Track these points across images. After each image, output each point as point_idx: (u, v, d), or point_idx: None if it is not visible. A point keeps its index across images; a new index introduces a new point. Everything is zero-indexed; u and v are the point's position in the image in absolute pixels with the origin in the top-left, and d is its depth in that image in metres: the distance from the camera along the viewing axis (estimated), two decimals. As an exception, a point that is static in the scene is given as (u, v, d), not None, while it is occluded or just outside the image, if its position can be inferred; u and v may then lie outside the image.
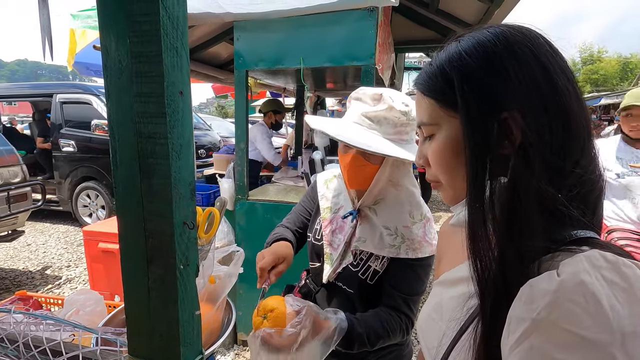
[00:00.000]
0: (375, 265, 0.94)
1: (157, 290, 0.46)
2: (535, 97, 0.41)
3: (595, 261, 0.34)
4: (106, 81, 0.42)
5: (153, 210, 0.44)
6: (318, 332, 0.74)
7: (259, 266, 0.87)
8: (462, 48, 0.45)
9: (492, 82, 0.42)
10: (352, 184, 0.97)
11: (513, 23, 0.46)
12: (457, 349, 0.47)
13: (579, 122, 0.42)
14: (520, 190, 0.40)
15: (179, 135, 0.42)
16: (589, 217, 0.42)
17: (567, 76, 0.43)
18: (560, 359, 0.31)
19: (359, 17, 1.96)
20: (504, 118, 0.41)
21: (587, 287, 0.32)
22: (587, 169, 0.42)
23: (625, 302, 0.31)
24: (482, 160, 0.43)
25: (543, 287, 0.34)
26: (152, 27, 0.38)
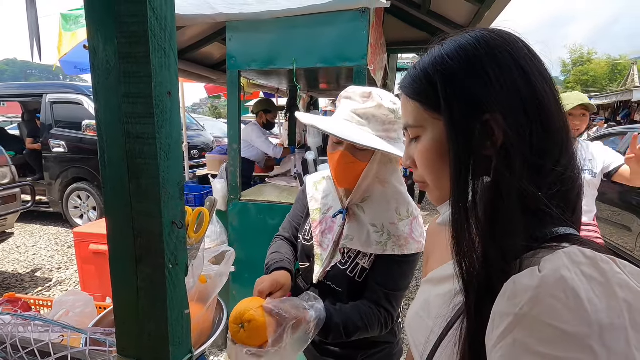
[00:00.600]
0: (363, 262, 0.95)
1: (146, 289, 0.46)
2: (516, 99, 0.42)
3: (574, 257, 0.35)
4: (94, 81, 0.42)
5: (142, 210, 0.44)
6: (297, 329, 0.75)
7: (258, 289, 0.87)
8: (445, 52, 0.47)
9: (473, 85, 0.43)
10: (341, 181, 0.98)
11: (494, 27, 0.48)
12: (444, 345, 0.48)
13: (558, 122, 0.43)
14: (502, 189, 0.41)
15: (167, 136, 0.43)
16: (569, 214, 0.43)
17: (545, 79, 0.44)
18: (542, 352, 0.32)
19: (351, 18, 1.97)
20: (486, 120, 0.43)
21: (567, 283, 0.33)
22: (566, 168, 0.43)
23: (603, 296, 0.32)
24: (465, 161, 0.44)
25: (525, 283, 0.35)
26: (139, 28, 0.38)
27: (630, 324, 0.31)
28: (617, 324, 0.31)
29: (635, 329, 0.31)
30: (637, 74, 15.17)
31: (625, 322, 0.31)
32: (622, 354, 0.30)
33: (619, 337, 0.30)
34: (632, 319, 0.31)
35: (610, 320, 0.31)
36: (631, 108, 11.89)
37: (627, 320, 0.31)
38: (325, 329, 0.82)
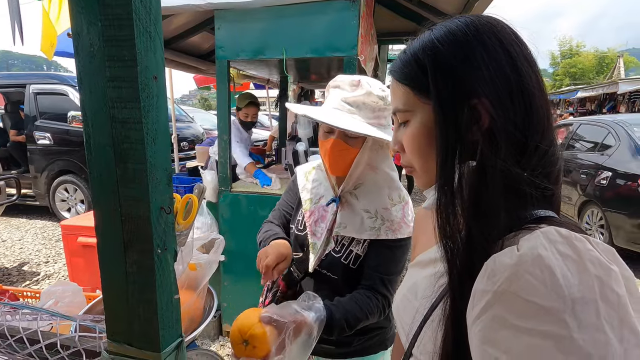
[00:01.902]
0: (357, 249, 0.96)
1: (135, 275, 0.46)
2: (502, 83, 0.43)
3: (551, 236, 0.37)
4: (78, 65, 0.41)
5: (129, 196, 0.44)
6: (299, 333, 0.75)
7: (265, 263, 0.87)
8: (435, 36, 0.47)
9: (462, 69, 0.44)
10: (334, 169, 0.98)
11: (482, 14, 0.48)
12: (428, 324, 0.50)
13: (540, 107, 0.44)
14: (487, 173, 0.42)
15: (154, 120, 0.43)
16: (549, 196, 0.45)
17: (530, 64, 0.45)
18: (519, 325, 0.34)
19: (341, 7, 1.96)
20: (473, 104, 0.43)
21: (543, 261, 0.34)
22: (547, 151, 0.44)
23: (576, 272, 0.34)
24: (452, 144, 0.45)
25: (504, 262, 0.37)
26: (124, 11, 0.38)
27: (601, 297, 0.33)
28: (588, 298, 0.32)
29: (604, 301, 0.33)
30: (622, 66, 15.44)
31: (596, 295, 0.33)
32: (592, 325, 0.32)
33: (590, 310, 0.32)
34: (602, 292, 0.33)
35: (582, 294, 0.33)
36: (617, 100, 12.12)
37: (598, 293, 0.33)
38: (329, 327, 0.82)
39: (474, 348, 0.39)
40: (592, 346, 0.31)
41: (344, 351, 1.03)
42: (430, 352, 0.48)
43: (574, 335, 0.31)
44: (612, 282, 0.34)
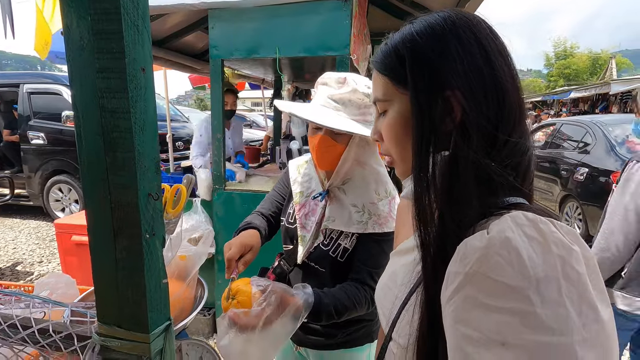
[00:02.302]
0: (344, 243, 0.99)
1: (124, 259, 0.48)
2: (475, 76, 0.45)
3: (518, 220, 0.39)
4: (68, 57, 0.43)
5: (118, 183, 0.46)
6: (285, 308, 0.77)
7: (226, 257, 0.88)
8: (415, 29, 0.49)
9: (438, 61, 0.46)
10: (321, 164, 1.01)
11: (465, 11, 0.50)
12: (407, 308, 0.52)
13: (513, 99, 0.46)
14: (459, 162, 0.44)
15: (142, 110, 0.45)
16: (519, 184, 0.47)
17: (504, 58, 0.47)
18: (488, 304, 0.36)
19: (334, 7, 1.98)
20: (446, 96, 0.45)
21: (510, 243, 0.37)
22: (518, 141, 0.46)
23: (540, 253, 0.36)
24: (427, 135, 0.47)
25: (474, 245, 0.39)
26: (111, 5, 0.40)
27: (563, 275, 0.35)
28: (551, 276, 0.35)
29: (566, 279, 0.35)
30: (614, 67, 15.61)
31: (558, 274, 0.35)
32: (554, 301, 0.34)
33: (552, 287, 0.34)
34: (564, 271, 0.35)
35: (545, 273, 0.35)
36: (609, 100, 12.26)
37: (560, 272, 0.35)
38: (316, 312, 0.84)
39: (447, 327, 0.41)
40: (554, 320, 0.33)
41: (331, 342, 1.05)
42: (407, 335, 0.50)
43: (537, 310, 0.33)
44: (573, 261, 0.36)
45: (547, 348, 0.33)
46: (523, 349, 0.33)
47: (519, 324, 0.34)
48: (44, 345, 0.55)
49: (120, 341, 0.50)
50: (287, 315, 0.78)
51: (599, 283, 0.38)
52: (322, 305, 0.85)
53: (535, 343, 0.33)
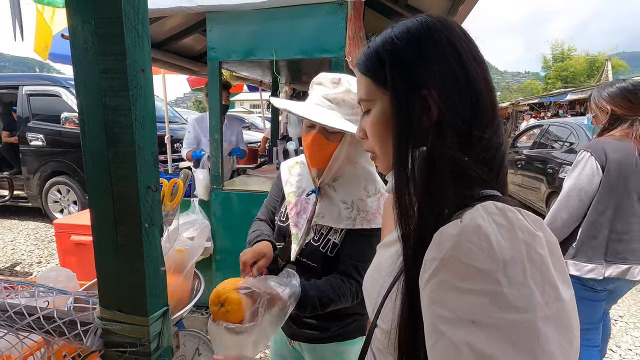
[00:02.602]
0: (334, 238, 1.02)
1: (125, 247, 0.52)
2: (449, 78, 0.48)
3: (489, 209, 0.43)
4: (73, 59, 0.47)
5: (119, 175, 0.49)
6: (273, 305, 0.80)
7: (242, 261, 0.93)
8: (394, 33, 0.53)
9: (414, 63, 0.49)
10: (313, 162, 1.04)
11: (441, 16, 0.54)
12: (390, 296, 0.56)
13: (486, 99, 0.50)
14: (436, 157, 0.48)
15: (141, 108, 0.48)
16: (494, 177, 0.51)
17: (477, 60, 0.51)
18: (461, 286, 0.39)
19: (329, 10, 2.03)
20: (423, 95, 0.49)
21: (481, 229, 0.40)
22: (491, 138, 0.50)
23: (507, 238, 0.40)
24: (406, 132, 0.50)
25: (449, 232, 0.42)
26: (114, 11, 0.44)
27: (527, 258, 0.39)
28: (516, 259, 0.38)
29: (530, 262, 0.39)
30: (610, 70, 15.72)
31: (524, 257, 0.38)
32: (519, 282, 0.38)
33: (518, 269, 0.38)
34: (528, 254, 0.39)
35: (512, 256, 0.38)
36: (605, 102, 12.31)
37: (525, 255, 0.39)
38: (302, 303, 0.87)
39: (424, 309, 0.44)
40: (519, 300, 0.37)
41: (324, 336, 1.08)
42: (390, 320, 0.54)
43: (504, 290, 0.37)
44: (536, 245, 0.40)
45: (513, 325, 0.36)
46: (492, 327, 0.37)
47: (488, 303, 0.37)
48: (49, 330, 0.58)
49: (121, 324, 0.54)
50: (275, 310, 0.81)
51: (561, 265, 0.41)
52: (308, 297, 0.88)
53: (503, 320, 0.36)
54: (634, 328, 2.69)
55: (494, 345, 0.36)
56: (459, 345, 0.38)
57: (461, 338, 0.38)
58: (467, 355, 0.37)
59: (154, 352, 0.54)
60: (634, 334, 2.61)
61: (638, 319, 2.82)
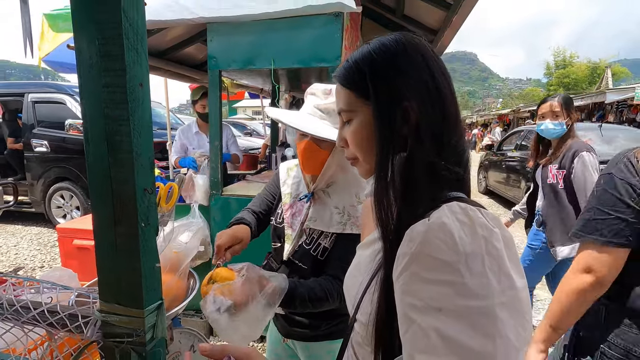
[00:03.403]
0: (324, 242, 1.06)
1: (123, 245, 0.57)
2: (424, 90, 0.53)
3: (453, 208, 0.48)
4: (79, 74, 0.52)
5: (119, 179, 0.54)
6: (263, 287, 0.84)
7: (217, 244, 0.97)
8: (371, 48, 0.57)
9: (394, 76, 0.54)
10: (306, 169, 1.09)
11: (414, 36, 0.59)
12: (369, 292, 0.60)
13: (452, 109, 0.55)
14: (414, 162, 0.53)
15: (139, 118, 0.53)
16: (461, 180, 0.56)
17: (444, 76, 0.56)
18: (428, 277, 0.44)
19: (326, 21, 2.09)
20: (404, 107, 0.53)
21: (446, 227, 0.45)
22: (457, 145, 0.55)
23: (469, 234, 0.45)
24: (387, 139, 0.55)
25: (418, 229, 0.47)
26: (115, 33, 0.49)
27: (486, 251, 0.44)
28: (476, 252, 0.43)
29: (488, 254, 0.44)
30: (610, 77, 15.79)
31: (483, 250, 0.43)
32: (479, 273, 0.42)
33: (478, 261, 0.43)
34: (487, 248, 0.44)
35: (472, 249, 0.43)
36: (605, 109, 12.39)
37: (484, 249, 0.44)
38: (290, 299, 0.92)
39: (397, 300, 0.49)
40: (479, 288, 0.41)
41: (315, 334, 1.12)
42: (368, 313, 0.58)
43: (466, 281, 0.42)
44: (494, 240, 0.45)
45: (473, 310, 0.41)
46: (455, 313, 0.41)
47: (452, 292, 0.42)
48: (53, 323, 0.63)
49: (118, 316, 0.58)
50: (264, 296, 0.84)
51: (515, 257, 0.47)
52: (296, 293, 0.92)
53: (465, 307, 0.41)
54: (630, 334, 2.70)
55: (458, 330, 0.41)
56: (428, 330, 0.42)
57: (429, 324, 0.42)
58: (434, 339, 0.41)
59: (149, 343, 0.59)
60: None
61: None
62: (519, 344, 0.41)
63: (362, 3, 2.31)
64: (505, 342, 0.41)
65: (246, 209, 1.25)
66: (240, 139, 8.54)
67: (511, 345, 0.41)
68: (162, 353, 0.63)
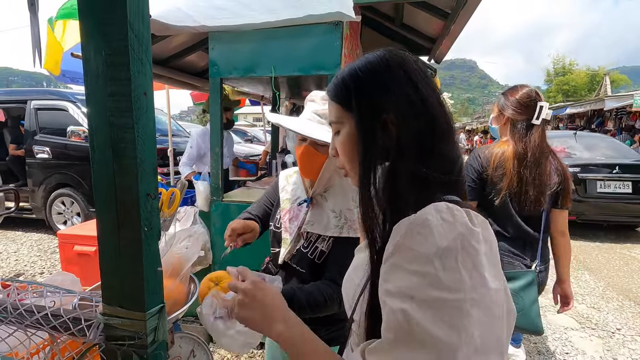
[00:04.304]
0: (322, 246, 1.08)
1: (126, 249, 0.58)
2: (406, 103, 0.56)
3: (438, 207, 0.50)
4: (86, 84, 0.54)
5: (122, 185, 0.56)
6: None
7: (231, 227, 0.99)
8: (357, 66, 0.61)
9: (375, 93, 0.57)
10: (305, 172, 1.11)
11: (394, 48, 0.62)
12: (364, 293, 0.61)
13: (440, 119, 0.57)
14: (395, 172, 0.56)
15: (143, 126, 0.55)
16: (453, 185, 0.57)
17: (430, 87, 0.58)
18: (407, 268, 0.47)
19: (326, 30, 2.13)
20: (384, 120, 0.56)
21: (427, 222, 0.48)
22: (449, 152, 0.57)
23: (448, 231, 0.47)
24: (369, 150, 0.58)
25: (403, 224, 0.50)
26: (121, 44, 0.51)
27: (462, 248, 0.46)
28: (452, 248, 0.46)
29: (464, 251, 0.46)
30: (609, 84, 15.89)
31: (458, 246, 0.46)
32: (452, 267, 0.45)
33: (452, 256, 0.45)
34: (463, 245, 0.46)
35: (448, 245, 0.46)
36: (604, 116, 12.44)
37: (459, 245, 0.46)
38: (289, 302, 0.93)
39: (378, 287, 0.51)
40: (451, 282, 0.44)
41: None
42: (363, 312, 0.60)
43: (439, 274, 0.44)
44: (472, 239, 0.47)
45: (443, 302, 0.43)
46: (426, 302, 0.44)
47: (426, 283, 0.45)
48: (56, 326, 0.64)
49: (121, 319, 0.59)
50: None
51: (495, 260, 0.48)
52: (295, 298, 0.93)
53: (435, 298, 0.44)
54: (631, 341, 2.69)
55: (426, 317, 0.44)
56: (397, 313, 0.45)
57: (399, 307, 0.45)
58: (402, 321, 0.45)
59: (150, 345, 0.60)
60: (631, 347, 2.61)
61: (635, 331, 2.82)
62: (483, 348, 0.43)
63: (361, 12, 2.35)
64: (469, 339, 0.42)
65: (246, 212, 1.27)
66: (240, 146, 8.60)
67: (474, 344, 0.42)
68: (163, 356, 0.64)
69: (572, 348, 2.59)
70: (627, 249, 4.80)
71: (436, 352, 0.42)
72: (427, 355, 0.43)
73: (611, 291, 3.54)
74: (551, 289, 1.74)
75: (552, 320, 2.96)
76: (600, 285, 3.66)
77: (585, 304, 3.26)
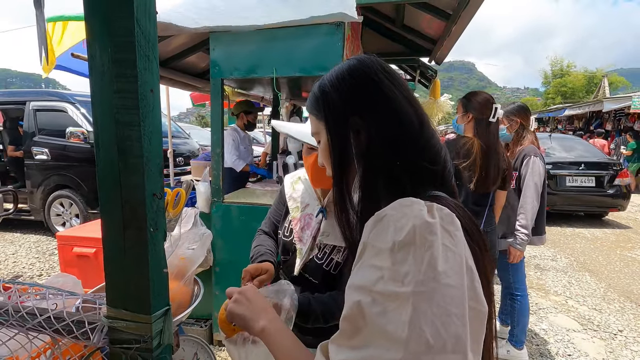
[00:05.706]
0: (337, 257, 1.05)
1: (131, 249, 0.57)
2: (370, 105, 0.58)
3: (403, 202, 0.50)
4: (91, 81, 0.53)
5: (128, 183, 0.55)
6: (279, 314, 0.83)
7: (245, 269, 0.96)
8: (327, 77, 0.64)
9: (340, 101, 0.60)
10: (316, 183, 1.08)
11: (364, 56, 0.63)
12: None
13: (411, 117, 0.58)
14: (367, 173, 0.58)
15: (150, 124, 0.54)
16: (439, 180, 0.57)
17: (397, 87, 0.59)
18: (370, 263, 0.47)
19: (327, 31, 2.12)
20: (352, 125, 0.58)
21: (387, 217, 0.48)
22: (427, 146, 0.57)
23: (405, 225, 0.46)
24: (340, 154, 0.60)
25: (371, 220, 0.51)
26: (128, 40, 0.50)
27: (416, 241, 0.45)
28: (406, 241, 0.45)
29: (419, 245, 0.45)
30: (607, 86, 15.94)
31: (413, 240, 0.45)
32: (404, 260, 0.45)
33: (405, 250, 0.45)
34: (417, 239, 0.45)
35: (402, 238, 0.46)
36: (603, 118, 12.47)
37: (414, 239, 0.45)
38: (305, 314, 0.91)
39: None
40: (402, 275, 0.44)
41: (320, 341, 1.11)
42: None
43: (393, 267, 0.45)
44: (425, 232, 0.46)
45: (394, 295, 0.44)
46: (379, 295, 0.45)
47: (378, 275, 0.46)
48: (59, 329, 0.62)
49: (126, 322, 0.58)
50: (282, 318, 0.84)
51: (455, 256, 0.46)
52: (311, 309, 0.92)
53: (387, 291, 0.44)
54: (634, 342, 2.68)
55: (376, 310, 0.44)
56: (353, 303, 0.46)
57: (355, 298, 0.46)
58: (355, 310, 0.46)
59: (156, 349, 0.59)
60: (633, 348, 2.60)
61: (638, 333, 2.81)
62: (435, 342, 0.41)
63: (362, 13, 2.34)
64: (418, 333, 0.41)
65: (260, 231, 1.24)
66: (240, 147, 8.57)
67: (424, 338, 0.41)
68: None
69: (574, 350, 2.58)
70: (627, 250, 4.81)
71: (386, 344, 0.43)
72: (377, 348, 0.43)
73: (612, 293, 3.53)
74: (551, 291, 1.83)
75: (553, 322, 2.95)
76: (601, 287, 3.65)
77: (586, 306, 3.25)
